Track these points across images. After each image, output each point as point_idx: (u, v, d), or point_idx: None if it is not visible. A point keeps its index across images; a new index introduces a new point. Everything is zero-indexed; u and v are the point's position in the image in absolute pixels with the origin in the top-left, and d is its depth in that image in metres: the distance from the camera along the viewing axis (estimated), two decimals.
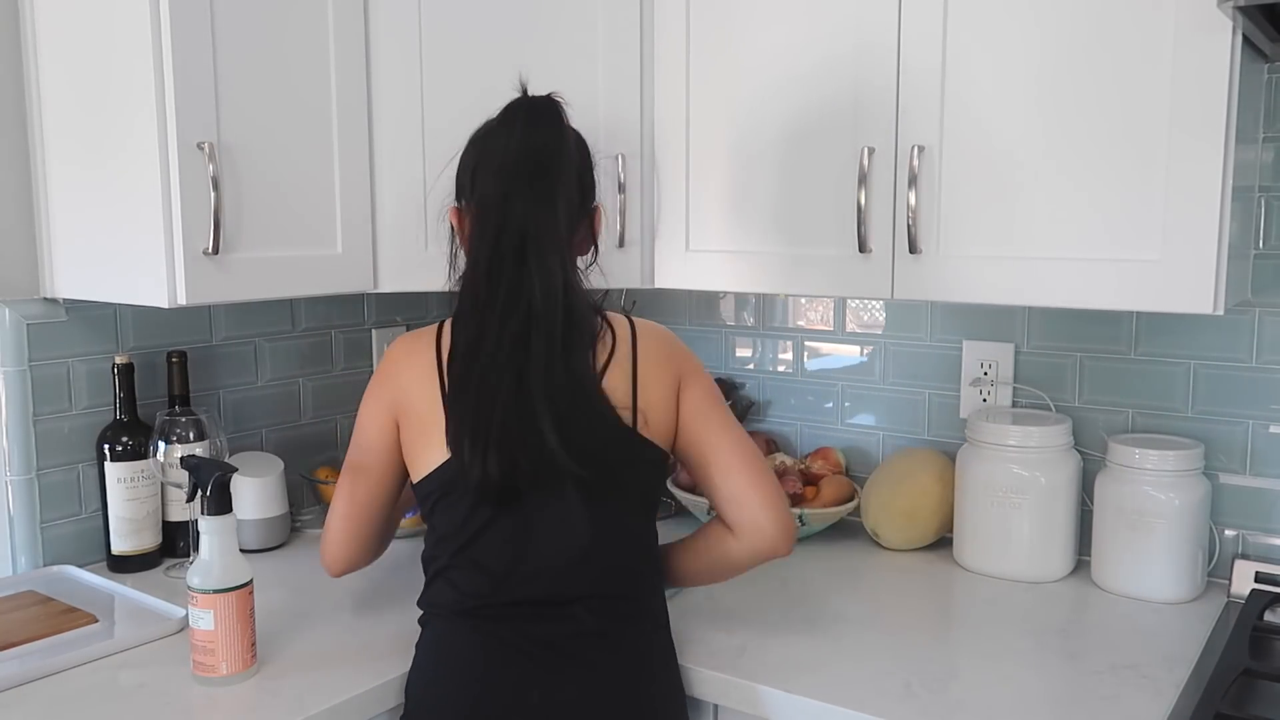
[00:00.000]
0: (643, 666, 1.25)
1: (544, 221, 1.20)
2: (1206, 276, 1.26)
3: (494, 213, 1.21)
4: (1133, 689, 1.26)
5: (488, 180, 1.23)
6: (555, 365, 1.19)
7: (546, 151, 1.22)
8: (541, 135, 1.22)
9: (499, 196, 1.21)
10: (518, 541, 1.21)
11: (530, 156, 1.21)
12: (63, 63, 1.49)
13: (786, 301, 2.00)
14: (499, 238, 1.20)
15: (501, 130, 1.24)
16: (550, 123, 1.24)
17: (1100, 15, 1.30)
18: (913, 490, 1.75)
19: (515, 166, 1.21)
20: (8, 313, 1.56)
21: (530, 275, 1.19)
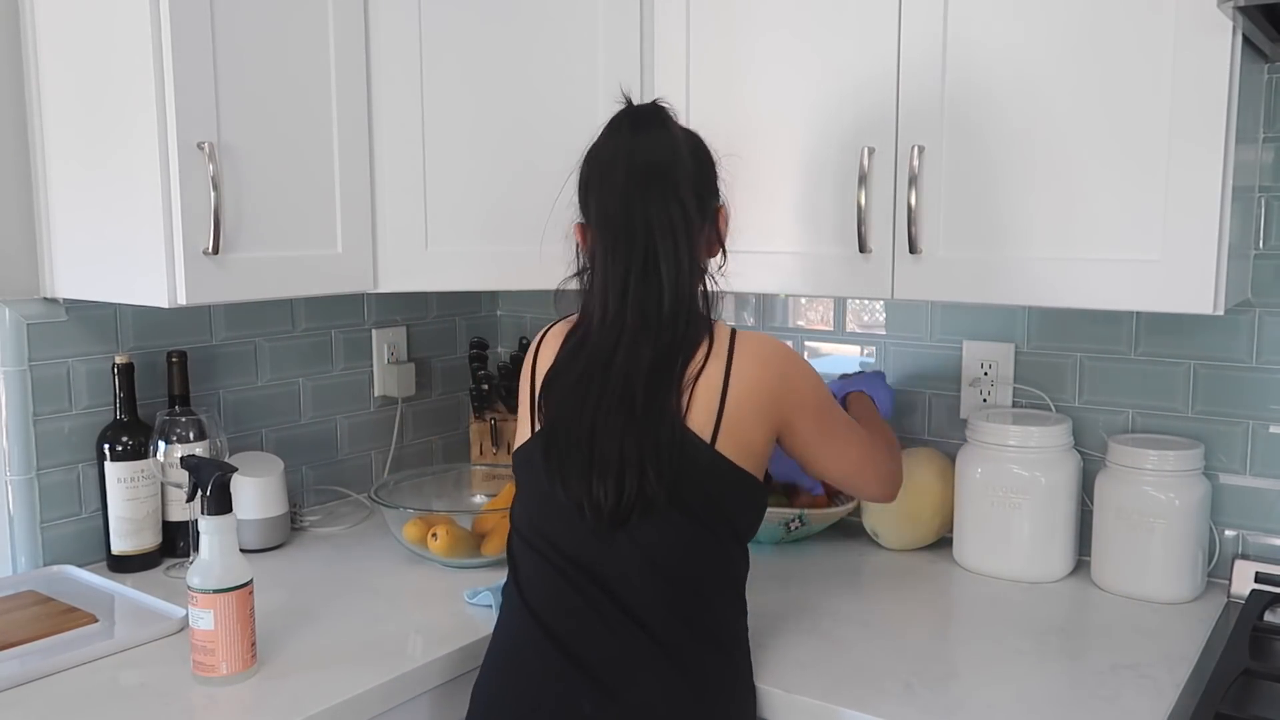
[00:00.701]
0: (705, 689, 1.19)
1: (664, 230, 1.19)
2: (1206, 276, 1.26)
3: (615, 228, 1.21)
4: (1133, 689, 1.26)
5: (603, 195, 1.22)
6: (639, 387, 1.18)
7: (656, 158, 1.21)
8: (649, 142, 1.22)
9: (618, 210, 1.20)
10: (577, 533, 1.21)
11: (640, 165, 1.20)
12: (63, 63, 1.49)
13: (786, 301, 2.00)
14: (627, 253, 1.20)
15: (609, 142, 1.24)
16: (657, 127, 1.23)
17: (1100, 15, 1.30)
18: (913, 490, 1.75)
19: (627, 177, 1.20)
20: (8, 313, 1.56)
21: (660, 291, 1.19)
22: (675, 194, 1.20)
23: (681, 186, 1.21)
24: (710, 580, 1.23)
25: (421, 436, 2.21)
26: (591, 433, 1.18)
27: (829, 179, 1.51)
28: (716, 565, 1.24)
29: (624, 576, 1.19)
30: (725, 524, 1.23)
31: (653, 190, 1.20)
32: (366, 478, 2.08)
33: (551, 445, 1.21)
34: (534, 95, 1.65)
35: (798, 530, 1.79)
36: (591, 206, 1.24)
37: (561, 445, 1.20)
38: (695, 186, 1.24)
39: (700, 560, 1.22)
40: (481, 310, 2.32)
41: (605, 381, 1.19)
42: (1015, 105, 1.37)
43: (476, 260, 1.65)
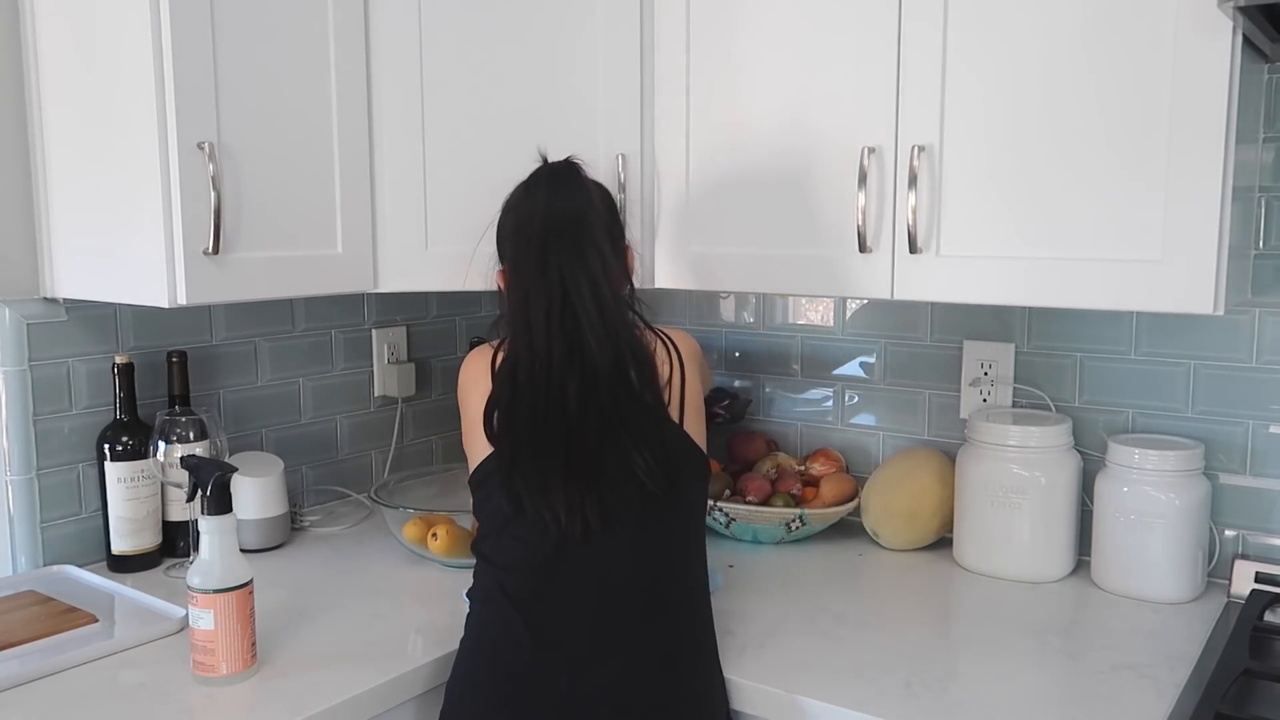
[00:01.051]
0: (674, 661, 1.26)
1: (584, 279, 1.28)
2: (1206, 276, 1.26)
3: (534, 274, 1.29)
4: (1133, 689, 1.26)
5: (523, 248, 1.31)
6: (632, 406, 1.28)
7: (571, 213, 1.30)
8: (564, 198, 1.31)
9: (538, 263, 1.29)
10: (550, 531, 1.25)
11: (557, 217, 1.30)
12: (63, 63, 1.49)
13: (786, 301, 2.00)
14: (546, 295, 1.28)
15: (527, 199, 1.33)
16: (570, 184, 1.33)
17: (1100, 15, 1.30)
18: (913, 490, 1.75)
19: (545, 232, 1.29)
20: (8, 313, 1.56)
21: (585, 335, 1.27)
22: (591, 240, 1.30)
23: (596, 232, 1.31)
24: (684, 562, 1.30)
25: (421, 436, 2.21)
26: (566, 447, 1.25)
27: (829, 179, 1.51)
28: (690, 546, 1.32)
29: (605, 568, 1.24)
30: (700, 503, 1.35)
31: (566, 239, 1.29)
32: (366, 478, 2.08)
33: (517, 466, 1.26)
34: (534, 95, 1.65)
35: (798, 530, 1.79)
36: (509, 256, 1.34)
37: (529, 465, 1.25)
38: (608, 231, 1.34)
39: (678, 545, 1.29)
40: (481, 310, 2.32)
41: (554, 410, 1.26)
42: (1015, 105, 1.37)
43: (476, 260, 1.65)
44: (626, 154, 1.65)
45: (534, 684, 1.23)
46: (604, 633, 1.24)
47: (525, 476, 1.25)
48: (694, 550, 1.33)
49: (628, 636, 1.24)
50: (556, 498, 1.23)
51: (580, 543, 1.23)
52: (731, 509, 1.78)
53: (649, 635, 1.25)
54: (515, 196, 1.36)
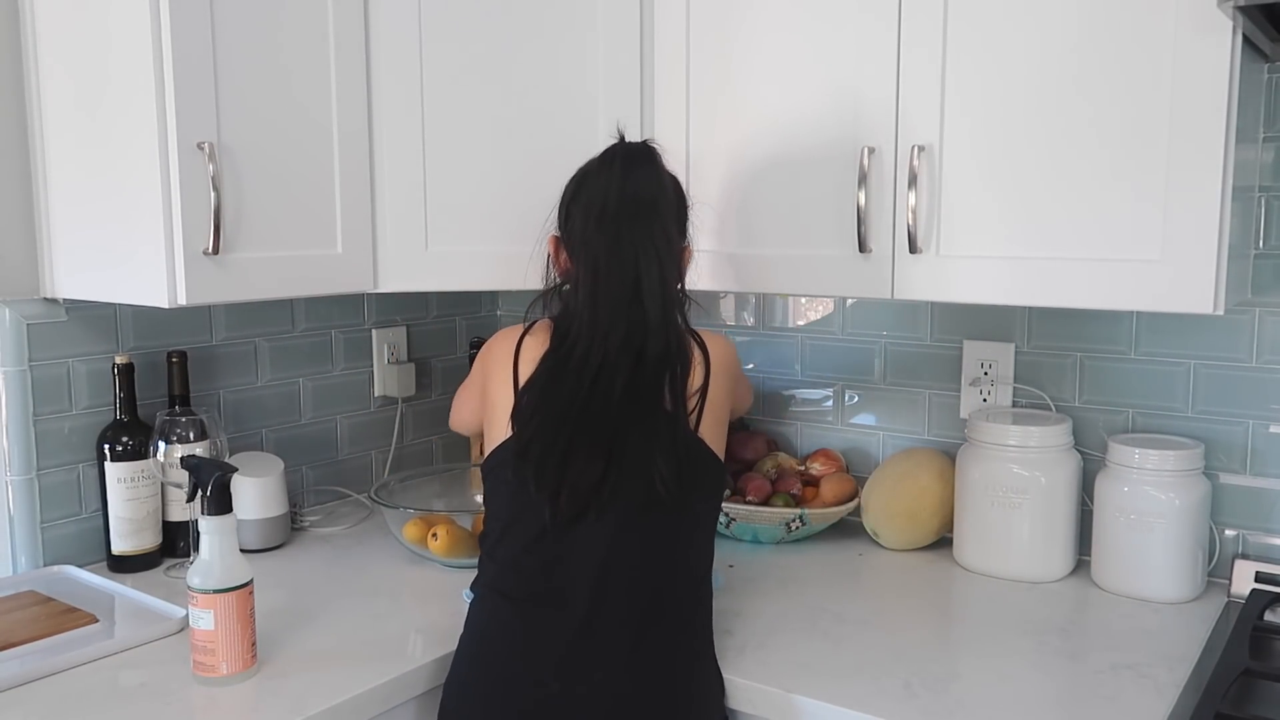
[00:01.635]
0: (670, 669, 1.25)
1: (649, 258, 1.28)
2: (1206, 276, 1.26)
3: (609, 258, 1.28)
4: (1133, 689, 1.26)
5: (591, 224, 1.30)
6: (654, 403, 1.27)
7: (646, 192, 1.30)
8: (639, 179, 1.31)
9: (611, 242, 1.28)
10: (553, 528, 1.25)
11: (631, 196, 1.29)
12: (63, 63, 1.49)
13: (787, 301, 2.00)
14: (620, 284, 1.27)
15: (600, 174, 1.32)
16: (647, 166, 1.32)
17: (1100, 15, 1.30)
18: (913, 490, 1.75)
19: (619, 211, 1.29)
20: (8, 313, 1.56)
21: (648, 323, 1.27)
22: (661, 225, 1.30)
23: (666, 219, 1.31)
24: (685, 570, 1.30)
25: (421, 436, 2.21)
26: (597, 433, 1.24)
27: (829, 179, 1.51)
28: (692, 556, 1.31)
29: (604, 572, 1.24)
30: (710, 516, 1.36)
31: (640, 221, 1.29)
32: (366, 478, 2.08)
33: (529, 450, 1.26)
34: (534, 95, 1.65)
35: (798, 530, 1.79)
36: (577, 230, 1.32)
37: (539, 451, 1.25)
38: (677, 221, 1.35)
39: (680, 553, 1.29)
40: (481, 310, 2.32)
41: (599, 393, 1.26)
42: (1015, 105, 1.37)
43: (476, 260, 1.65)
44: None
45: (526, 684, 1.22)
46: (599, 636, 1.23)
47: (543, 452, 1.24)
48: (697, 560, 1.33)
49: (623, 642, 1.24)
50: (567, 476, 1.22)
51: (568, 526, 1.23)
52: (731, 509, 1.78)
53: (645, 642, 1.24)
54: (588, 170, 1.34)
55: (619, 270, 1.28)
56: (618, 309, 1.27)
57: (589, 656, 1.23)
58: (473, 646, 1.29)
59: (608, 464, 1.23)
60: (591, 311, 1.28)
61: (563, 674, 1.22)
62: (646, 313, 1.27)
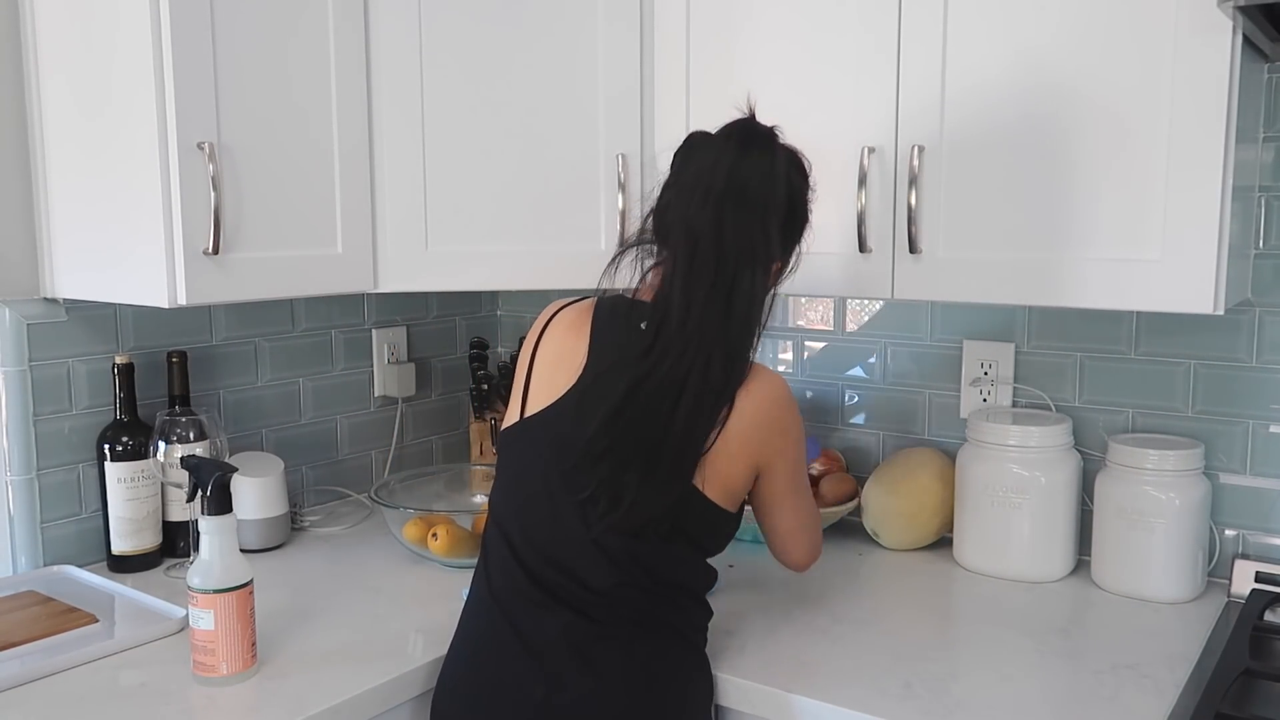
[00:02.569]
0: (657, 678, 1.23)
1: (747, 257, 1.18)
2: (1206, 276, 1.26)
3: (702, 240, 1.17)
4: (1133, 689, 1.26)
5: (695, 201, 1.19)
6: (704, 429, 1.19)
7: (755, 182, 1.19)
8: (753, 163, 1.19)
9: (708, 224, 1.17)
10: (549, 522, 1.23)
11: (739, 184, 1.18)
12: (63, 63, 1.49)
13: (786, 301, 2.00)
14: (713, 271, 1.17)
15: (714, 145, 1.21)
16: (765, 150, 1.21)
17: (1100, 15, 1.30)
18: (913, 490, 1.75)
19: (726, 191, 1.18)
20: (8, 313, 1.56)
21: (731, 329, 1.18)
22: (762, 225, 1.19)
23: (770, 219, 1.20)
24: (674, 583, 1.26)
25: (421, 436, 2.21)
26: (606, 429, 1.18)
27: (829, 179, 1.51)
28: (682, 574, 1.27)
29: (591, 571, 1.21)
30: (697, 548, 1.28)
31: (745, 211, 1.18)
32: (366, 478, 2.08)
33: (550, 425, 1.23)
34: (534, 95, 1.65)
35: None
36: (675, 208, 1.21)
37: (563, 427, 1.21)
38: (783, 228, 1.23)
39: (667, 570, 1.24)
40: (481, 310, 2.32)
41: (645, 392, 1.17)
42: (1015, 105, 1.37)
43: (476, 260, 1.65)
44: (626, 154, 1.65)
45: (513, 690, 1.20)
46: (586, 645, 1.21)
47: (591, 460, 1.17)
48: (692, 574, 1.28)
49: (609, 651, 1.21)
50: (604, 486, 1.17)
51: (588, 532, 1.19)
52: None
53: (631, 653, 1.21)
54: (699, 140, 1.24)
55: (717, 262, 1.16)
56: (704, 302, 1.15)
57: (576, 667, 1.20)
58: (461, 649, 1.28)
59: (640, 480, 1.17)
60: (683, 310, 1.16)
61: (549, 683, 1.19)
62: (733, 318, 1.16)
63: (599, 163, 1.65)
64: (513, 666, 1.21)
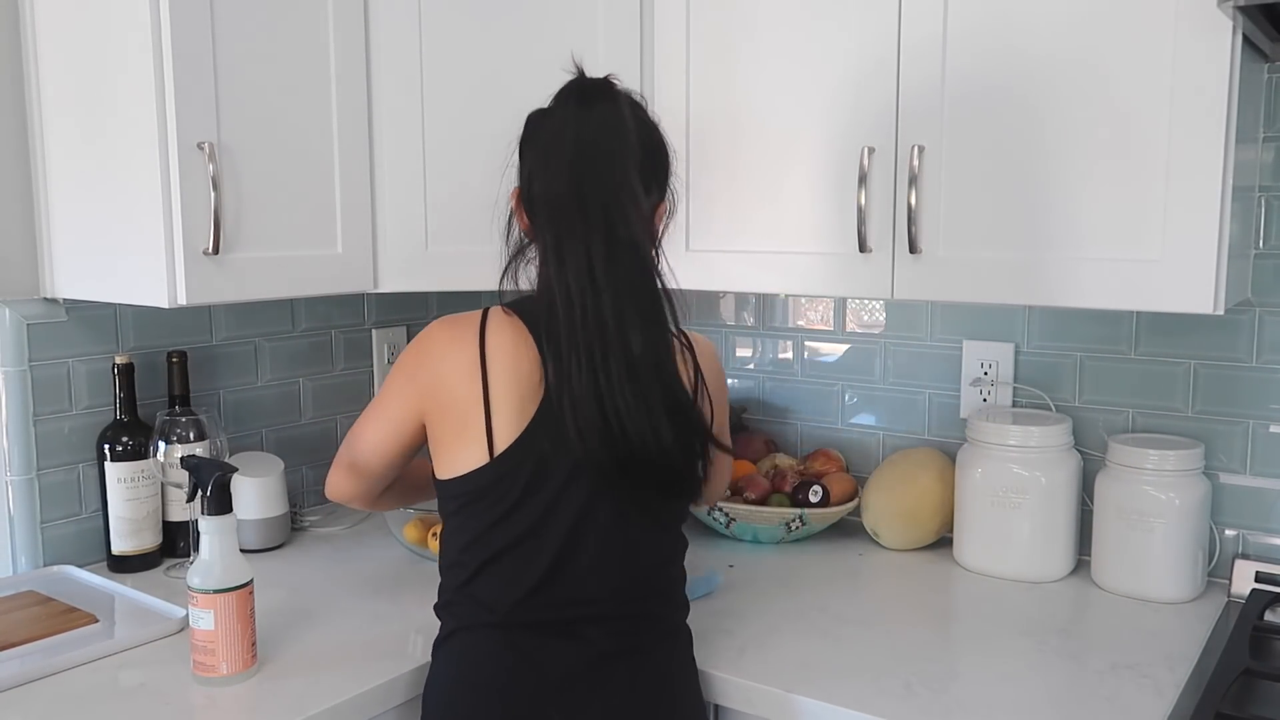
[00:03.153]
0: (665, 688, 1.22)
1: (620, 209, 1.13)
2: (1206, 276, 1.26)
3: (567, 207, 1.12)
4: (1133, 689, 1.26)
5: (550, 174, 1.14)
6: (659, 361, 1.15)
7: (603, 135, 1.14)
8: (597, 117, 1.15)
9: (567, 190, 1.12)
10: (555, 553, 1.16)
11: (589, 141, 1.13)
12: (63, 62, 1.49)
13: (786, 301, 2.00)
14: (585, 232, 1.11)
15: (553, 112, 1.17)
16: (605, 101, 1.16)
17: (1100, 14, 1.30)
18: (913, 490, 1.75)
19: (577, 154, 1.13)
20: (8, 313, 1.56)
21: (625, 266, 1.12)
22: (623, 173, 1.14)
23: (628, 166, 1.15)
24: (669, 588, 1.26)
25: None
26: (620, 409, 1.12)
27: (829, 179, 1.51)
28: (679, 556, 1.28)
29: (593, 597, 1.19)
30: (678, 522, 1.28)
31: (601, 167, 1.13)
32: None
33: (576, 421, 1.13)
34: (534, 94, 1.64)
35: (798, 530, 1.79)
36: (536, 185, 1.16)
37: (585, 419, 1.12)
38: (640, 168, 1.17)
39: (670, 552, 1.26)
40: None
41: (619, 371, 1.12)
42: (1015, 105, 1.37)
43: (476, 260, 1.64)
44: None
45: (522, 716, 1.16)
46: (596, 664, 1.18)
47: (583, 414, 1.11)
48: (680, 573, 1.27)
49: (616, 669, 1.18)
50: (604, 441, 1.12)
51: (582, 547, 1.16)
52: (731, 509, 1.78)
53: (635, 665, 1.19)
54: (540, 113, 1.20)
55: (585, 223, 1.11)
56: (598, 266, 1.10)
57: (588, 685, 1.16)
58: (456, 676, 1.19)
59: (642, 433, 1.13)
60: (569, 277, 1.11)
61: (560, 705, 1.15)
62: (634, 269, 1.13)
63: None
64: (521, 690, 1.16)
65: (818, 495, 1.77)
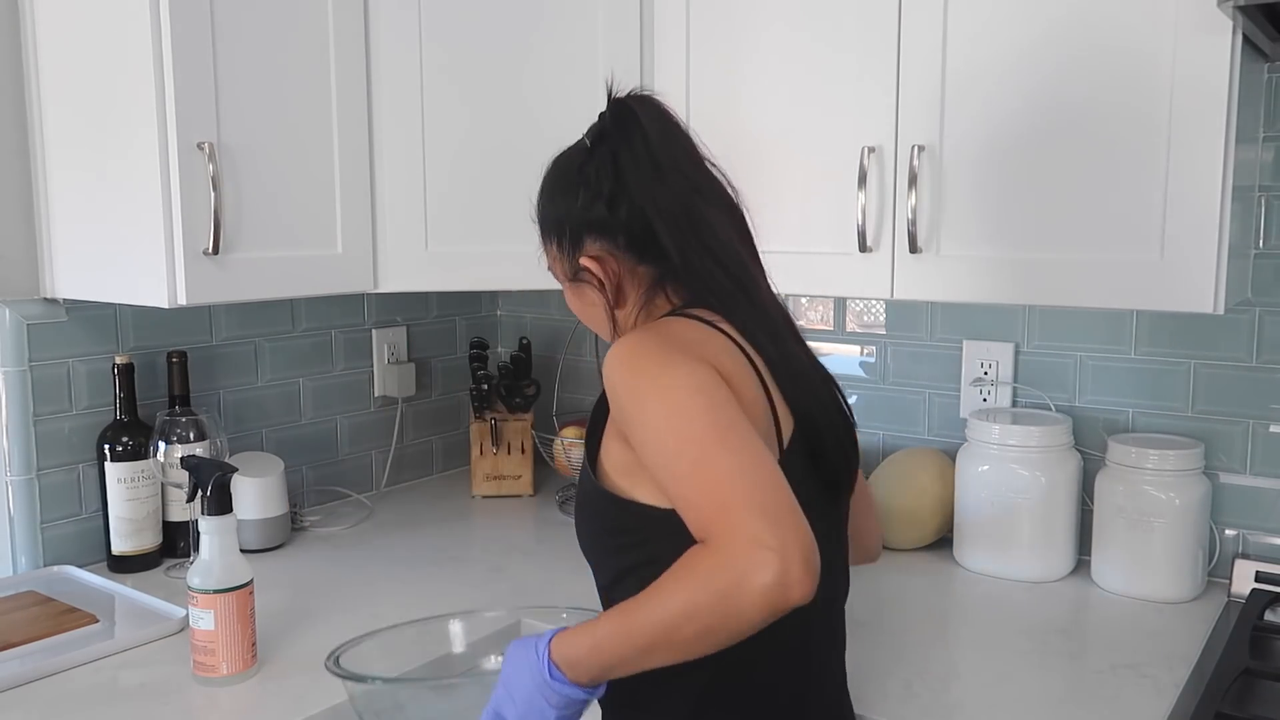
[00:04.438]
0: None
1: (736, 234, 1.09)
2: (1206, 276, 1.26)
3: (694, 208, 1.06)
4: (1133, 688, 1.26)
5: (675, 191, 1.05)
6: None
7: (691, 149, 1.10)
8: (675, 132, 1.09)
9: (688, 190, 1.06)
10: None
11: (683, 158, 1.08)
12: (63, 63, 1.49)
13: (786, 301, 1.99)
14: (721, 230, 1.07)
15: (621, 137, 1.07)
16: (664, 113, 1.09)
17: (1100, 14, 1.30)
18: (913, 490, 1.75)
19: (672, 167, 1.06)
20: (8, 313, 1.56)
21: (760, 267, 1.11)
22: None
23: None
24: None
25: (421, 436, 2.21)
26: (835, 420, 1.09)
27: (829, 178, 1.51)
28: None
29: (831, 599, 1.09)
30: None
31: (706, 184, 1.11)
32: (366, 478, 2.09)
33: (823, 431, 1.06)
34: (534, 95, 1.65)
35: None
36: (649, 202, 1.05)
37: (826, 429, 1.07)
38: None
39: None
40: (481, 310, 2.32)
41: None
42: (1015, 105, 1.37)
43: (476, 260, 1.65)
44: None
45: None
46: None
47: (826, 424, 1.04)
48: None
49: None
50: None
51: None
52: None
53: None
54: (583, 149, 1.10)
55: (726, 243, 1.07)
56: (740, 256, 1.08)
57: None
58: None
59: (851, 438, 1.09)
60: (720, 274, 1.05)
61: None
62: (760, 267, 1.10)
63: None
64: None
65: None
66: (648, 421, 0.92)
